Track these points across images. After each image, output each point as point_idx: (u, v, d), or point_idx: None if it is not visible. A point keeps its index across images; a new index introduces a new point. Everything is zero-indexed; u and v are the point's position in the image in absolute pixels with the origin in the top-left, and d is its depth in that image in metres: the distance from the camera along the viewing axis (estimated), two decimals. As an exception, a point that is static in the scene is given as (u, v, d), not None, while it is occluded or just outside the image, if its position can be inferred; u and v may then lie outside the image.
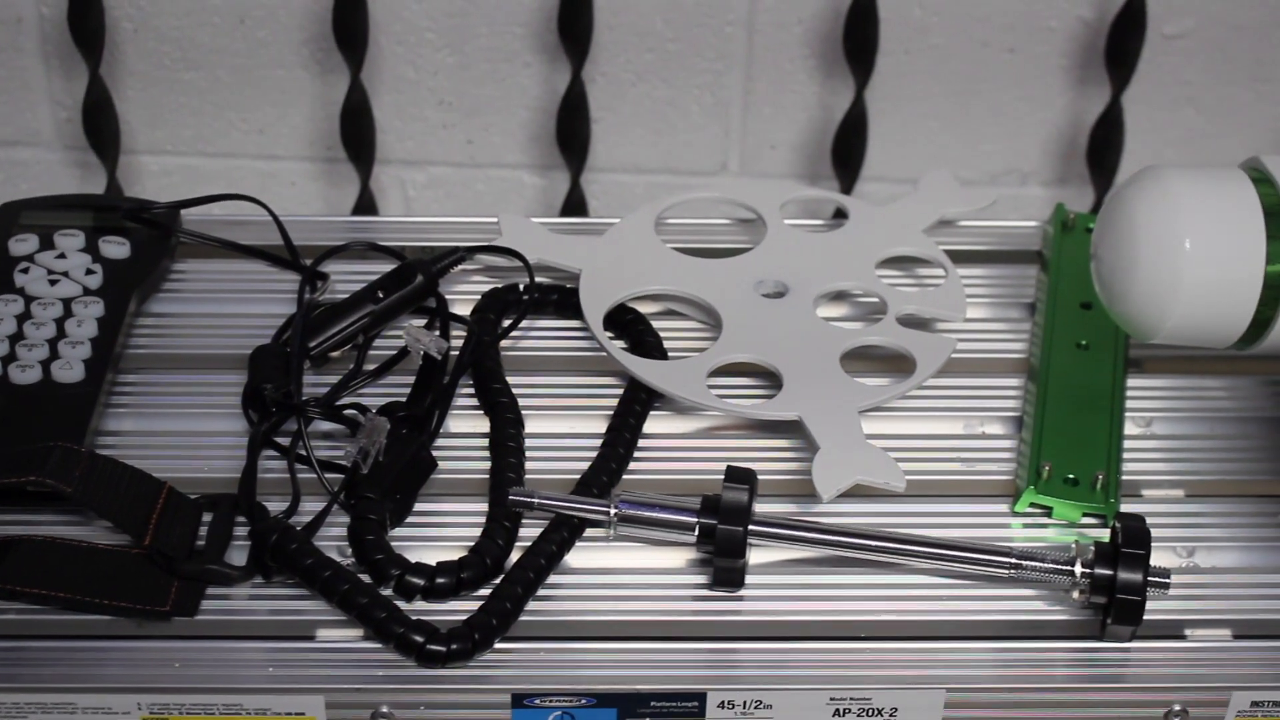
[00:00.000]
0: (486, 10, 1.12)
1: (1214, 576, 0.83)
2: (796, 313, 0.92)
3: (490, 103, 1.16)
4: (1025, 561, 0.79)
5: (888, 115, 1.16)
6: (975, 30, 1.14)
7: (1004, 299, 0.98)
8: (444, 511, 0.84)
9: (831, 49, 1.13)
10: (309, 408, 0.85)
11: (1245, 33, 1.14)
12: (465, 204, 1.21)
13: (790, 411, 0.87)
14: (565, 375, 0.92)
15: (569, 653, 0.78)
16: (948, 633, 0.79)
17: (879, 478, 0.83)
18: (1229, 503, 0.86)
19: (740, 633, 0.79)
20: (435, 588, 0.79)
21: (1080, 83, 1.16)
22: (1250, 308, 0.81)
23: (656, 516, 0.80)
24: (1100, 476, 0.85)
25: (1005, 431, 0.90)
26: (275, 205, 0.98)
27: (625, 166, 1.19)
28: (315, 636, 0.78)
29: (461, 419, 0.89)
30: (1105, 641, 0.79)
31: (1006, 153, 1.19)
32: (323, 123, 1.17)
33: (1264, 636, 0.80)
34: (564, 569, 0.81)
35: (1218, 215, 0.81)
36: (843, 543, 0.81)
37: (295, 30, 1.13)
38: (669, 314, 0.95)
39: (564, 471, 0.85)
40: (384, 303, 0.91)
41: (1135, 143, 1.16)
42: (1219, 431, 0.90)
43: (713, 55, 1.14)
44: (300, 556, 0.78)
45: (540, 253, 0.95)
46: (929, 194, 1.02)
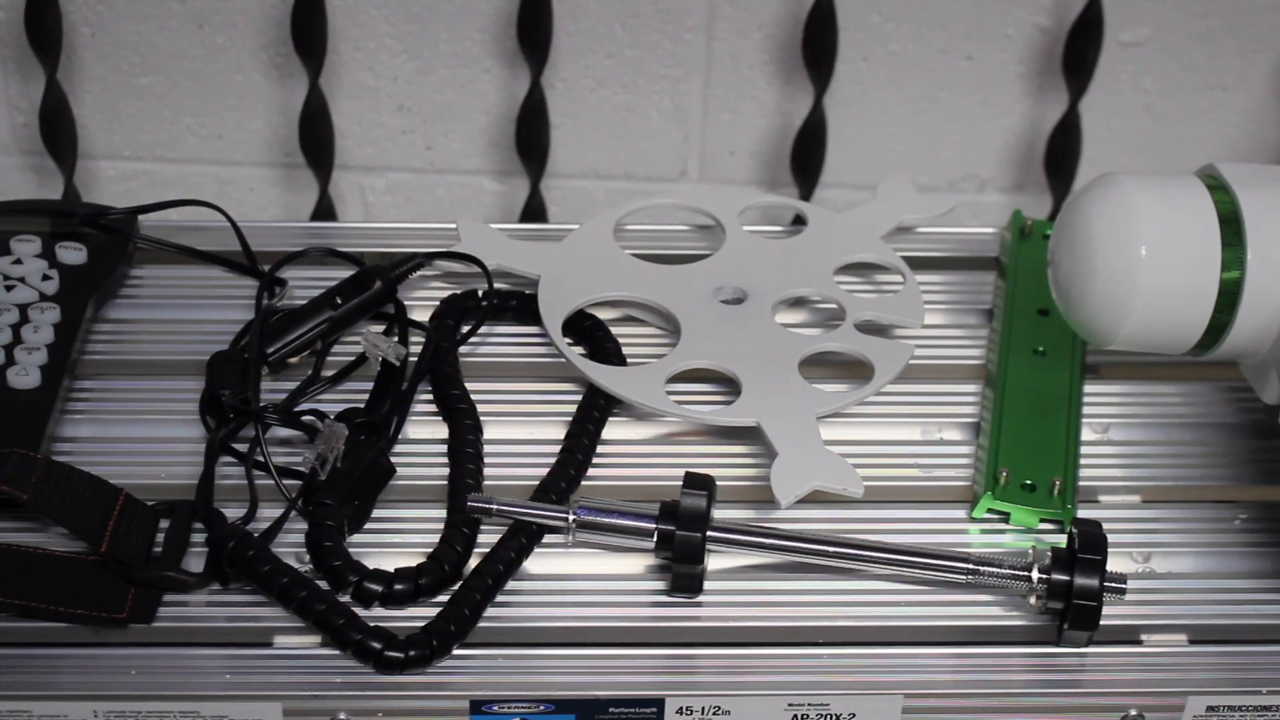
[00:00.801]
0: (446, 16, 1.12)
1: (1170, 582, 0.83)
2: (755, 319, 0.93)
3: (449, 108, 1.16)
4: (982, 567, 0.80)
5: (847, 122, 1.16)
6: (934, 37, 1.14)
7: (962, 305, 0.98)
8: (402, 518, 0.84)
9: (790, 55, 1.14)
10: (267, 414, 0.85)
11: (1201, 41, 1.15)
12: (424, 210, 1.21)
13: (748, 417, 0.87)
14: (524, 381, 0.92)
15: (527, 659, 0.78)
16: (905, 638, 0.80)
17: (837, 483, 0.83)
18: (1185, 508, 0.87)
19: (699, 638, 0.79)
20: (393, 594, 0.78)
21: (1038, 90, 1.16)
22: (1206, 314, 0.82)
23: (615, 522, 0.80)
24: (1057, 482, 0.85)
25: (963, 437, 0.90)
26: (234, 211, 0.98)
27: (585, 172, 1.19)
28: (273, 643, 0.77)
29: (420, 425, 0.88)
30: (1062, 646, 0.79)
31: (965, 159, 1.19)
32: (281, 128, 1.16)
33: (1220, 641, 0.80)
34: (522, 575, 0.81)
35: (1173, 222, 0.81)
36: (801, 548, 0.81)
37: (253, 35, 1.13)
38: (628, 320, 0.95)
39: (523, 478, 0.85)
40: (342, 309, 0.91)
41: (1092, 150, 1.16)
42: (1175, 437, 0.91)
43: (672, 61, 1.14)
44: (258, 563, 0.78)
45: (499, 259, 0.95)
46: (887, 200, 1.02)
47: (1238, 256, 0.81)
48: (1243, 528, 0.86)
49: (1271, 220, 0.81)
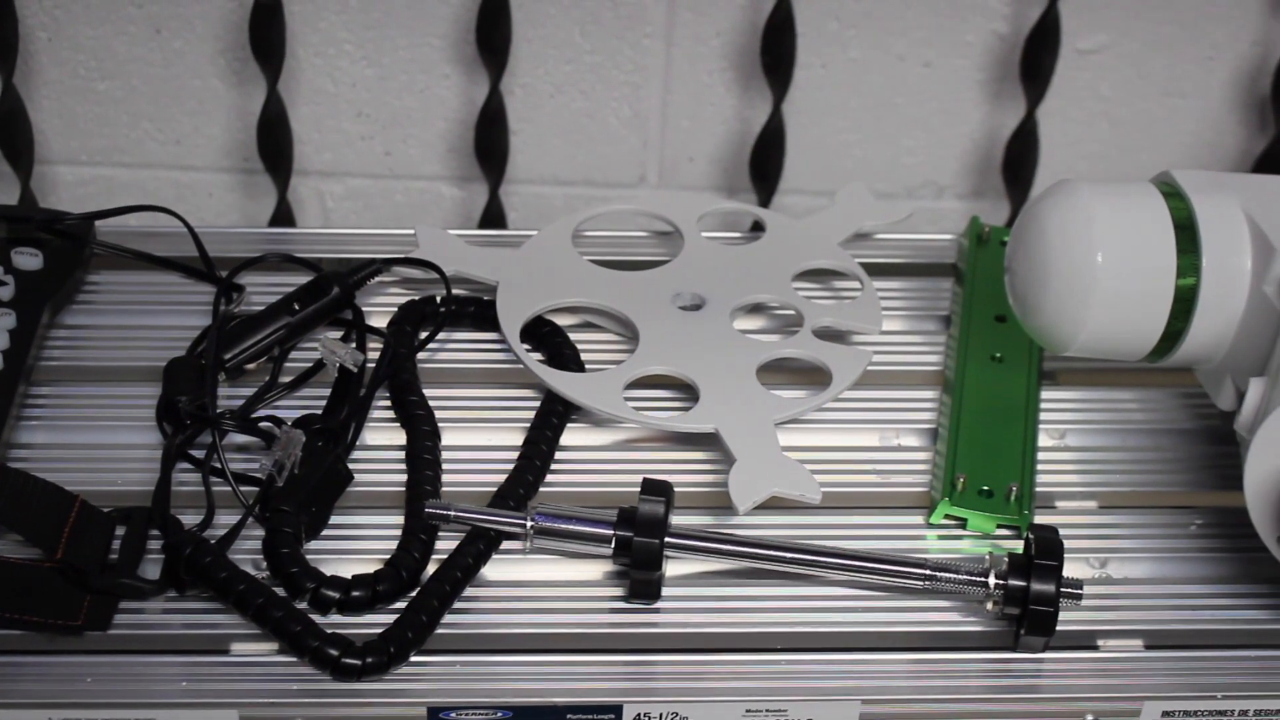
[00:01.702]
0: (404, 22, 1.12)
1: (1126, 587, 0.83)
2: (713, 325, 0.93)
3: (408, 114, 1.16)
4: (940, 573, 0.80)
5: (805, 128, 1.17)
6: (892, 44, 1.14)
7: (919, 312, 0.98)
8: (360, 524, 0.83)
9: (749, 62, 1.14)
10: (224, 420, 0.85)
11: (1158, 48, 1.15)
12: (384, 215, 1.20)
13: (707, 424, 0.87)
14: (482, 388, 0.92)
15: (485, 665, 0.78)
16: (863, 644, 0.80)
17: (795, 490, 0.83)
18: (1141, 514, 0.87)
19: (657, 645, 0.79)
20: (351, 601, 0.78)
21: (996, 97, 1.16)
22: (1161, 320, 0.82)
23: (573, 529, 0.80)
24: (1014, 488, 0.86)
25: (920, 443, 0.90)
26: (192, 216, 0.98)
27: (544, 178, 1.19)
28: (230, 650, 0.77)
29: (378, 431, 0.88)
30: (1019, 652, 0.79)
31: (923, 166, 1.20)
32: (239, 134, 1.16)
33: (1176, 647, 0.81)
34: (480, 581, 0.81)
35: (1129, 229, 0.82)
36: (759, 555, 0.81)
37: (212, 40, 1.12)
38: (586, 326, 0.95)
39: (481, 484, 0.85)
40: (300, 315, 0.91)
41: (1050, 156, 1.16)
42: (1131, 443, 0.91)
43: (631, 67, 1.14)
44: (214, 570, 0.78)
45: (457, 265, 0.95)
46: (845, 207, 1.02)
47: (1193, 263, 0.82)
48: (1199, 533, 0.86)
49: (1226, 227, 0.82)
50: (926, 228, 1.15)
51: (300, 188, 1.18)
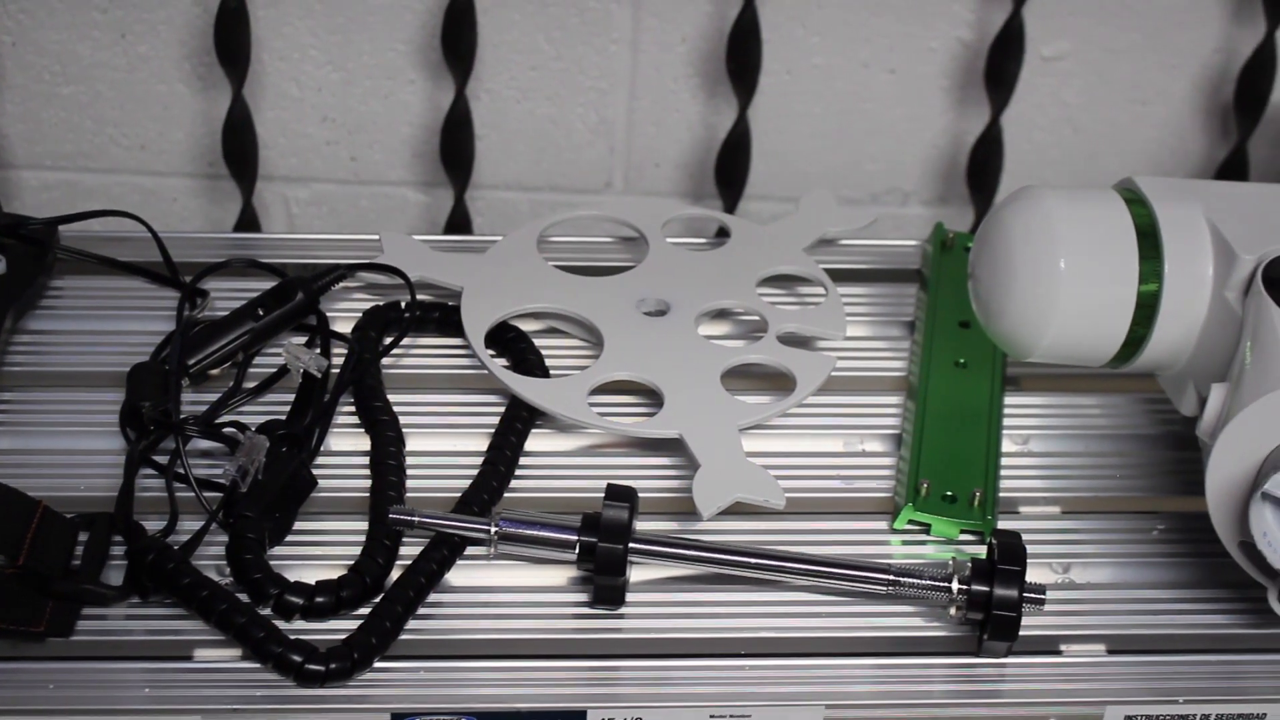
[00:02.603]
0: (370, 27, 1.12)
1: (1089, 592, 0.84)
2: (678, 331, 0.93)
3: (374, 119, 1.16)
4: (903, 578, 0.80)
5: (771, 134, 1.17)
6: (857, 51, 1.14)
7: (884, 317, 0.99)
8: (324, 530, 0.83)
9: (715, 68, 1.14)
10: (187, 426, 0.85)
11: (1121, 55, 1.16)
12: (349, 221, 1.20)
13: (671, 429, 0.87)
14: (446, 393, 0.92)
15: (449, 671, 0.77)
16: (827, 649, 0.80)
17: (759, 495, 0.84)
18: (1104, 519, 0.88)
19: (621, 650, 0.79)
20: (314, 606, 0.78)
21: (960, 103, 1.17)
22: (1124, 326, 0.83)
23: (537, 534, 0.80)
24: (978, 493, 0.86)
25: (884, 449, 0.90)
26: (157, 222, 0.98)
27: (509, 184, 1.19)
28: (193, 656, 0.77)
29: (342, 437, 0.88)
30: (982, 657, 0.80)
31: (888, 172, 1.20)
32: (204, 139, 1.16)
33: (1138, 651, 0.81)
34: (444, 587, 0.81)
35: (1092, 235, 0.82)
36: (723, 560, 0.81)
37: (177, 45, 1.12)
38: (551, 332, 0.95)
39: (445, 490, 0.85)
40: (264, 320, 0.91)
41: (1014, 163, 1.17)
42: (1094, 449, 0.91)
43: (597, 73, 1.14)
44: (178, 576, 0.78)
45: (422, 270, 0.95)
46: (810, 213, 1.03)
47: (1155, 269, 0.82)
48: (1161, 538, 0.86)
49: (1188, 233, 0.82)
50: (891, 234, 1.16)
51: (265, 193, 1.18)
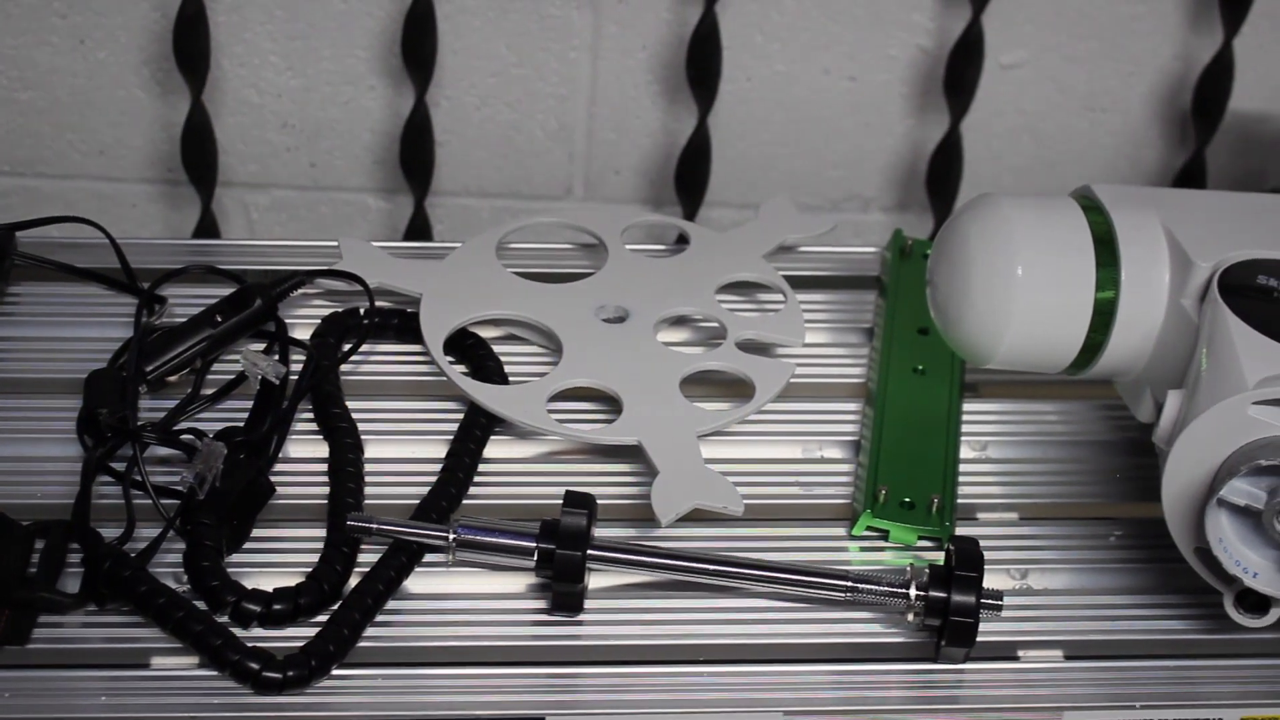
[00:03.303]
0: (330, 33, 1.12)
1: (1046, 598, 0.84)
2: (637, 337, 0.93)
3: (334, 126, 1.16)
4: (861, 584, 0.80)
5: (731, 141, 1.17)
6: (817, 58, 1.15)
7: (842, 324, 0.99)
8: (282, 537, 0.83)
9: (675, 75, 1.14)
10: (145, 433, 0.84)
11: (1080, 63, 1.16)
12: (309, 227, 1.20)
13: (630, 436, 0.87)
14: (405, 400, 0.91)
15: (407, 679, 0.77)
16: (785, 655, 0.80)
17: (717, 502, 0.84)
18: (1061, 525, 0.88)
19: (579, 657, 0.79)
20: (272, 614, 0.78)
21: (920, 111, 1.17)
22: (1081, 333, 0.83)
23: (495, 541, 0.80)
24: (936, 500, 0.86)
25: (843, 455, 0.91)
26: (116, 227, 0.97)
27: (470, 190, 1.19)
28: (150, 665, 0.77)
29: (300, 444, 0.88)
30: (940, 663, 0.80)
31: (848, 179, 1.20)
32: (164, 144, 1.16)
33: (1095, 657, 0.81)
34: (403, 594, 0.81)
35: (1049, 243, 0.82)
36: (681, 567, 0.81)
37: (135, 51, 1.12)
38: (510, 339, 0.95)
39: (403, 497, 0.85)
40: (222, 327, 0.91)
41: (973, 170, 1.17)
42: (1052, 455, 0.92)
43: (557, 80, 1.14)
44: (135, 583, 0.77)
45: (381, 277, 0.95)
46: (769, 220, 1.03)
47: (1112, 276, 0.82)
48: (1118, 544, 0.87)
49: (1145, 241, 0.83)
50: (851, 240, 1.16)
51: (225, 199, 1.18)
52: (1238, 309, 0.79)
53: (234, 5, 1.10)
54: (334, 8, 1.11)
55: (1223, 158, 1.20)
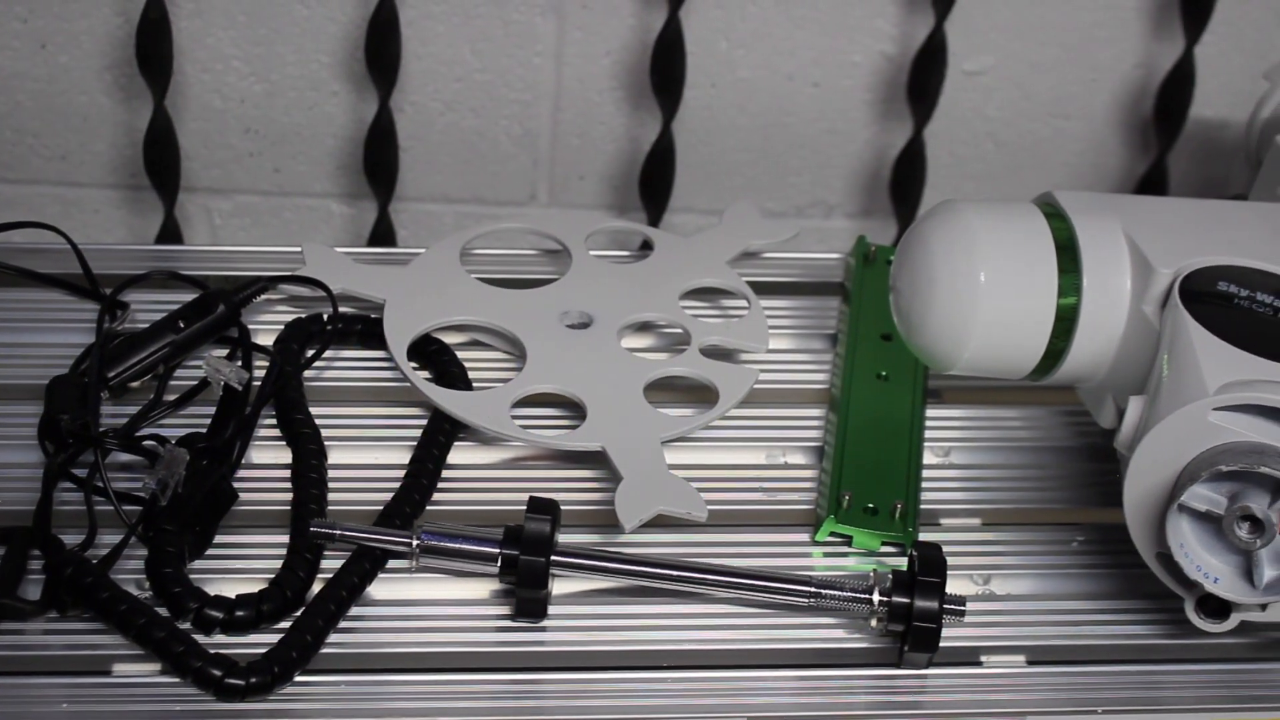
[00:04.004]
0: (293, 39, 1.12)
1: (1009, 603, 0.84)
2: (600, 343, 0.93)
3: (297, 131, 1.15)
4: (825, 590, 0.80)
5: (695, 147, 1.17)
6: (781, 64, 1.15)
7: (806, 330, 0.99)
8: (245, 543, 0.83)
9: (639, 81, 1.14)
10: (106, 439, 0.84)
11: (1043, 70, 1.17)
12: (272, 232, 1.20)
13: (593, 442, 0.87)
14: (369, 406, 0.91)
15: (371, 685, 0.77)
16: (749, 661, 0.80)
17: (681, 508, 0.84)
18: (1024, 530, 0.88)
19: (543, 663, 0.79)
20: (235, 620, 0.78)
21: (883, 117, 1.17)
22: (1043, 339, 0.83)
23: (459, 548, 0.80)
24: (899, 505, 0.86)
25: (807, 461, 0.91)
26: (78, 233, 0.97)
27: (434, 196, 1.19)
28: (111, 671, 0.76)
29: (263, 450, 0.88)
30: (903, 668, 0.80)
31: (812, 185, 1.20)
32: (126, 149, 1.15)
33: (1057, 662, 0.81)
34: (366, 600, 0.81)
35: (1011, 249, 0.83)
36: (645, 573, 0.81)
37: (98, 56, 1.12)
38: (473, 344, 0.95)
39: (367, 503, 0.85)
40: (185, 333, 0.90)
41: (937, 176, 1.17)
42: (1015, 461, 0.92)
43: (521, 86, 1.14)
44: (96, 590, 0.77)
45: (344, 283, 0.95)
46: (733, 226, 1.03)
47: (1074, 283, 0.82)
48: (1080, 549, 0.87)
49: (1106, 247, 0.83)
50: (815, 246, 1.16)
51: (188, 204, 1.18)
52: (1199, 315, 0.79)
53: (197, 10, 1.10)
54: (297, 13, 1.11)
55: (1184, 164, 1.20)
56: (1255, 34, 1.16)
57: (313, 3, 1.10)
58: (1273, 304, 0.81)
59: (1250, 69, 1.15)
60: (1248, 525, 0.74)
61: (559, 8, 1.12)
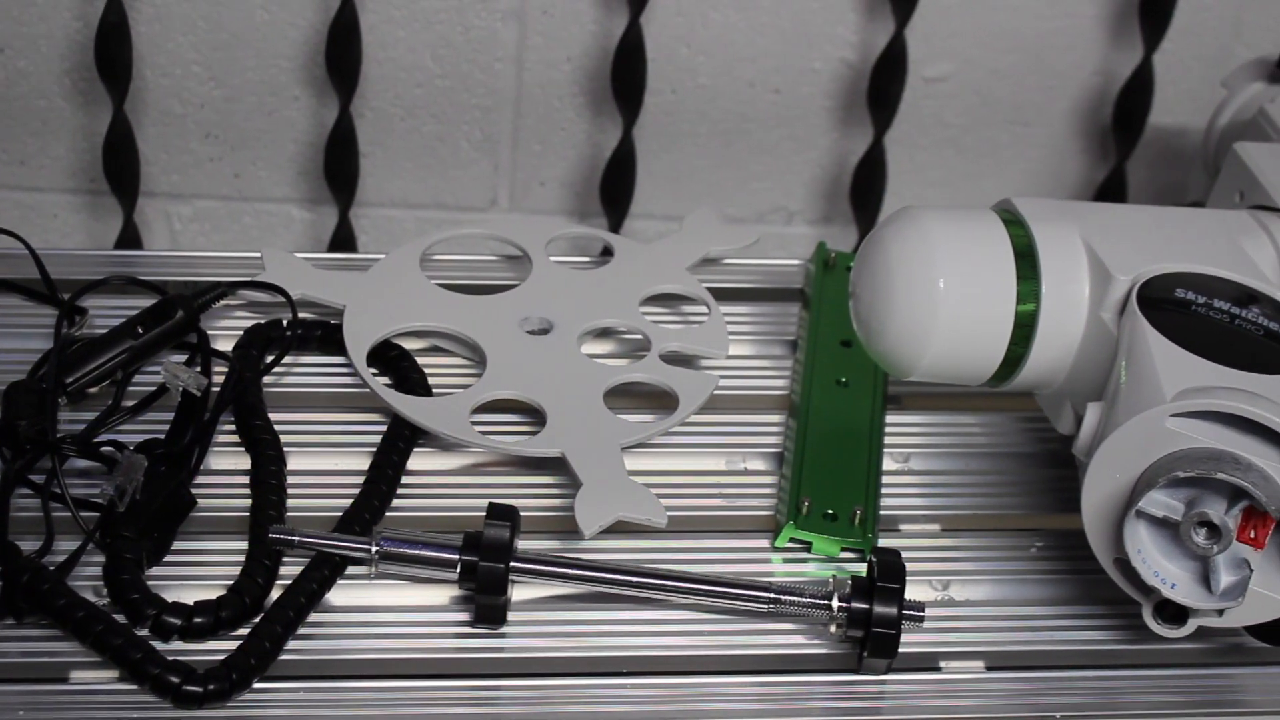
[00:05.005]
0: (253, 43, 1.11)
1: (968, 609, 0.84)
2: (561, 349, 0.93)
3: (258, 136, 1.15)
4: (784, 596, 0.80)
5: (656, 153, 1.17)
6: (742, 70, 1.15)
7: (766, 336, 0.99)
8: (203, 550, 0.83)
9: (600, 86, 1.14)
10: (64, 445, 0.84)
11: (1003, 77, 1.17)
12: (232, 238, 1.19)
13: (553, 448, 0.87)
14: (328, 412, 0.91)
15: (330, 692, 0.77)
16: (709, 667, 0.80)
17: (641, 514, 0.84)
18: (983, 536, 0.88)
19: (503, 669, 0.79)
20: (193, 627, 0.78)
21: (844, 124, 1.18)
22: (1002, 346, 0.83)
23: (418, 554, 0.80)
24: (859, 511, 0.86)
25: (766, 467, 0.91)
26: (37, 238, 0.97)
27: (395, 201, 1.19)
28: (69, 678, 0.76)
29: (222, 456, 0.88)
30: (862, 674, 0.80)
31: (773, 191, 1.21)
32: (85, 154, 1.15)
33: (1016, 668, 0.81)
34: (325, 607, 0.81)
35: (970, 256, 0.83)
36: (604, 579, 0.81)
37: (57, 60, 1.11)
38: (433, 350, 0.95)
39: (326, 509, 0.85)
40: (143, 338, 0.90)
41: (897, 182, 1.18)
42: (974, 467, 0.92)
43: (482, 91, 1.14)
44: (53, 597, 0.77)
45: (304, 288, 0.95)
46: (693, 232, 1.03)
47: (1032, 290, 0.83)
48: (1039, 555, 0.87)
49: (1065, 254, 0.83)
50: (775, 253, 1.16)
51: (147, 209, 1.17)
52: (1156, 322, 0.79)
53: (156, 15, 1.10)
54: (257, 18, 1.10)
55: (1143, 171, 1.21)
56: (1213, 42, 1.17)
57: (273, 7, 1.10)
58: (1230, 311, 0.81)
59: (1208, 77, 1.16)
60: (1205, 531, 0.74)
61: (520, 13, 1.12)
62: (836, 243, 1.13)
